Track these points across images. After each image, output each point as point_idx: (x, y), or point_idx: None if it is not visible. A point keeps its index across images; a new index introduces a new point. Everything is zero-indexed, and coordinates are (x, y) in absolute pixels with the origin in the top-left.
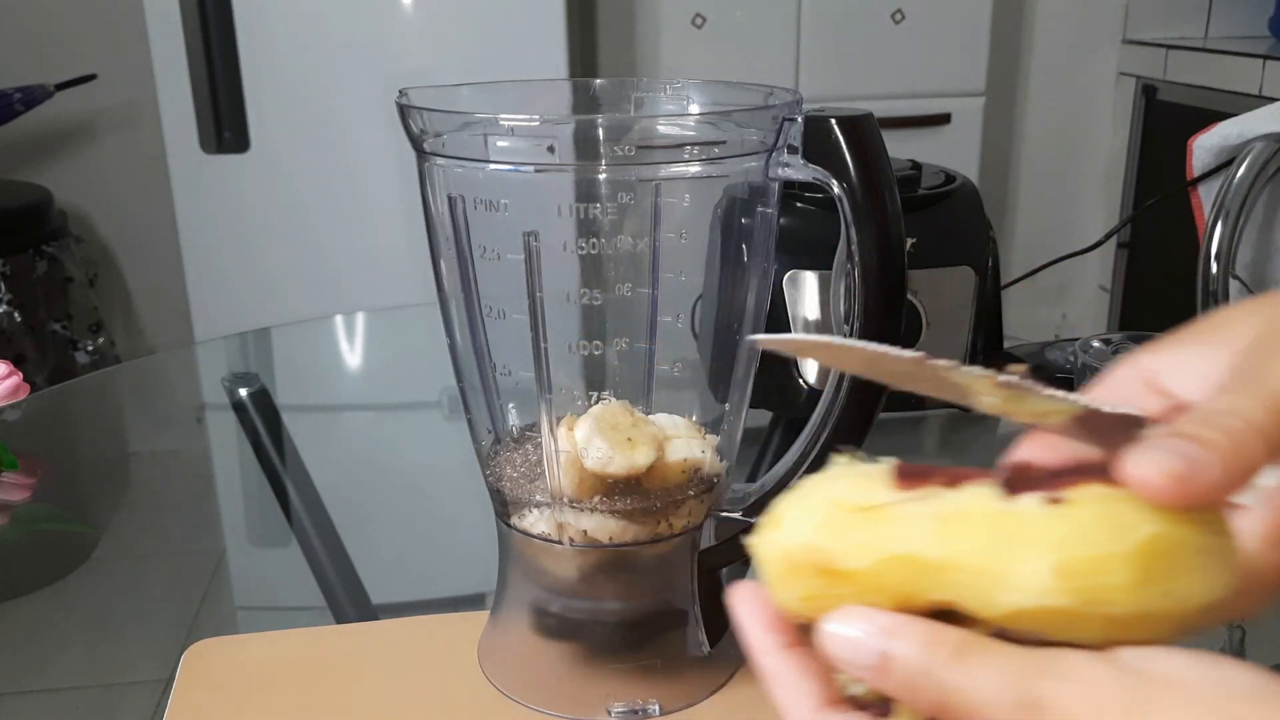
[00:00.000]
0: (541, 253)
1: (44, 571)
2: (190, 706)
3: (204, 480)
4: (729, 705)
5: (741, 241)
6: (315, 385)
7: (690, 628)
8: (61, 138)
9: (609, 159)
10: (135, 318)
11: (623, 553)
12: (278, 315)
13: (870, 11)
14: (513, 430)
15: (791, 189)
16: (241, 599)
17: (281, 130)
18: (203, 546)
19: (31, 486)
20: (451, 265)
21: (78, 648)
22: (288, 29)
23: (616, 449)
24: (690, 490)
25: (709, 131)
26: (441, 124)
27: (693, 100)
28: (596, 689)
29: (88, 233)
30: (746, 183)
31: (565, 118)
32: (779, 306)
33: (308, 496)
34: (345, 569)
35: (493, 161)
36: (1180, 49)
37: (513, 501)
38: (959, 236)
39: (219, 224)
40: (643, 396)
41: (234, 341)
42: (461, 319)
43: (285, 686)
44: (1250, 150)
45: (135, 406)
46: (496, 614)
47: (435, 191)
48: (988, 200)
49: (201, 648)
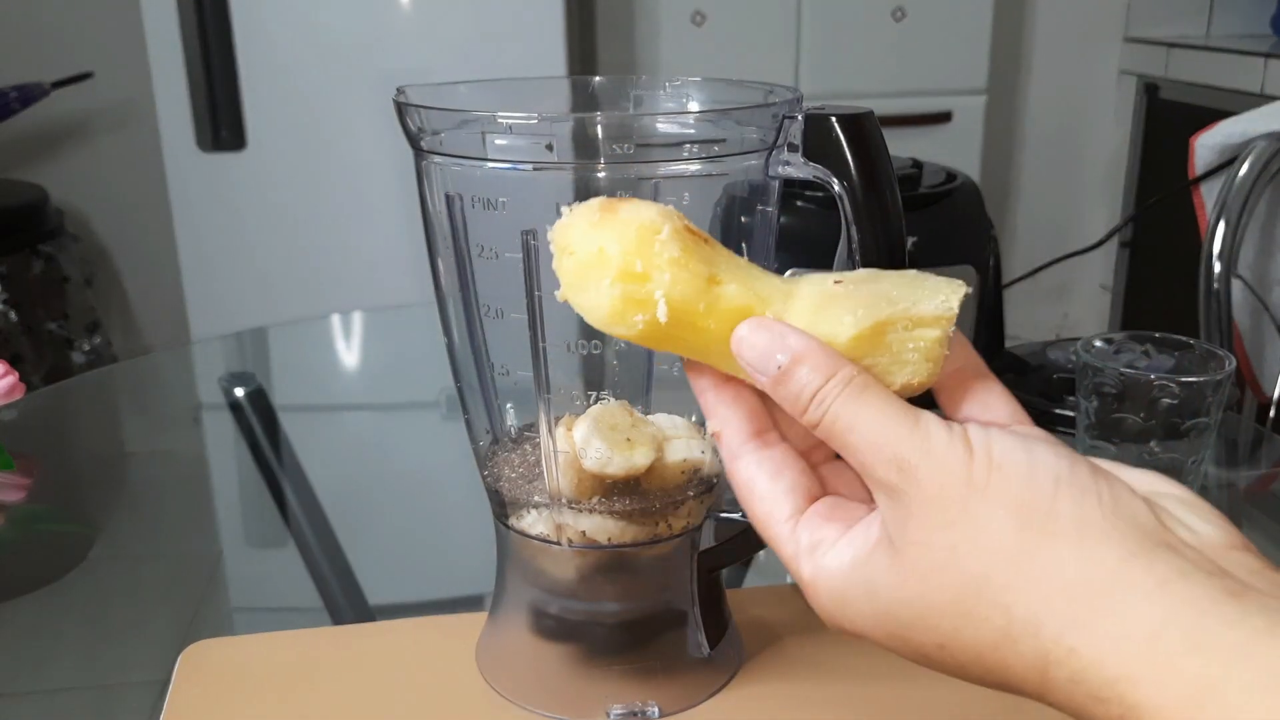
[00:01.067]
0: (540, 251)
1: (40, 572)
2: (187, 708)
3: (201, 481)
4: (728, 707)
5: (741, 240)
6: (312, 385)
7: (690, 629)
8: (58, 136)
9: (608, 157)
10: (132, 317)
11: (622, 554)
12: (275, 315)
13: (871, 9)
14: (511, 430)
15: (792, 187)
16: (238, 600)
17: (278, 128)
18: (200, 547)
19: (27, 487)
20: (449, 264)
21: (74, 649)
22: (284, 26)
23: (615, 449)
24: (690, 491)
25: (709, 129)
26: (439, 122)
27: (692, 98)
28: (595, 691)
29: (84, 232)
30: (746, 181)
31: (564, 115)
32: None
33: (305, 497)
34: (342, 570)
35: (491, 160)
36: (1182, 47)
37: (511, 502)
38: (960, 235)
39: (216, 223)
40: (641, 396)
41: (231, 341)
42: (459, 318)
43: (282, 688)
44: (1252, 149)
45: (132, 406)
46: (494, 615)
47: (433, 190)
48: (989, 199)
49: (198, 649)
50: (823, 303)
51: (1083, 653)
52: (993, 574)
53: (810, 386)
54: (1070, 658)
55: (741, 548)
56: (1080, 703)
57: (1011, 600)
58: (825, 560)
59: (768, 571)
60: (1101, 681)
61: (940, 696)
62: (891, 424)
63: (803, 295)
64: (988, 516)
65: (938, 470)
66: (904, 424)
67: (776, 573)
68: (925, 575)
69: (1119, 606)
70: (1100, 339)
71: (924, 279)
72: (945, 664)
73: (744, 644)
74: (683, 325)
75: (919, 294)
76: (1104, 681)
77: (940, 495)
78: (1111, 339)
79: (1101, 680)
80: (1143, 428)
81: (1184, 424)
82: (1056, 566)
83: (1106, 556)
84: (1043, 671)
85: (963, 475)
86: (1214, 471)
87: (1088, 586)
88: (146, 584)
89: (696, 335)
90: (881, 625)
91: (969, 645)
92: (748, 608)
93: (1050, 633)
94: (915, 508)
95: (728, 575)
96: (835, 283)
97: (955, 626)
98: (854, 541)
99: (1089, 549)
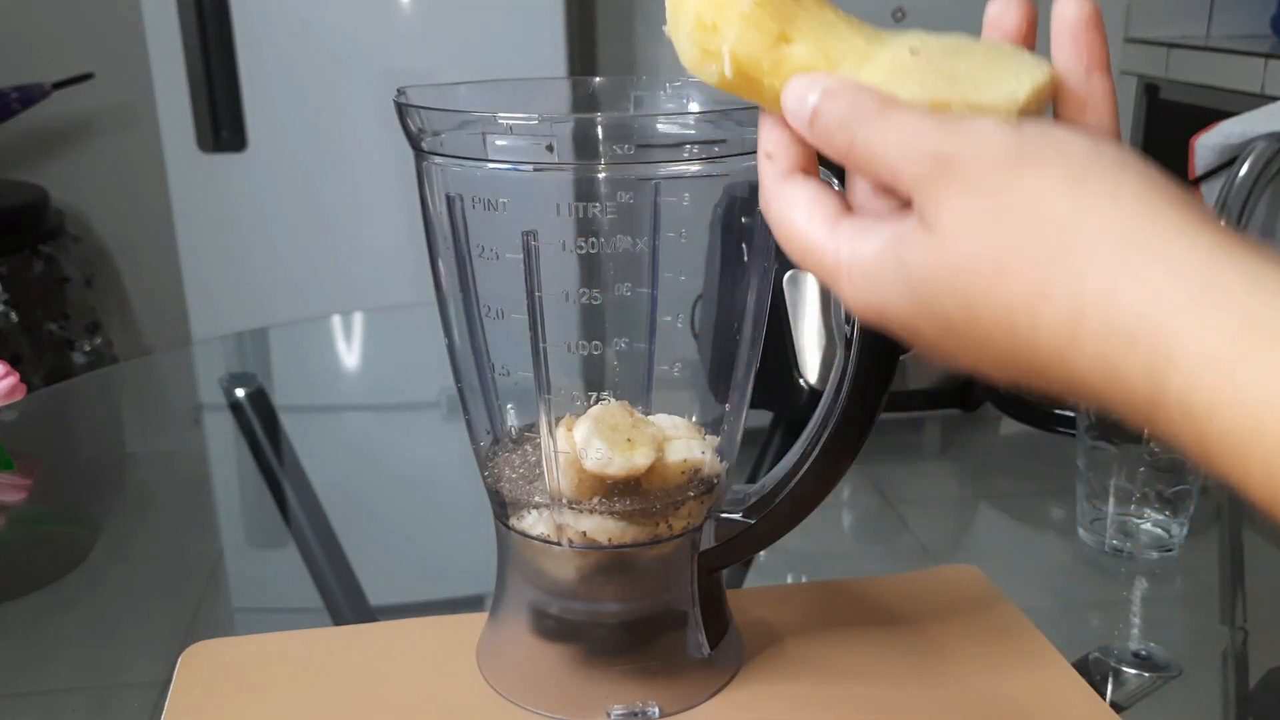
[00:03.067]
0: (540, 252)
1: (41, 573)
2: (187, 708)
3: (201, 481)
4: (729, 707)
5: (741, 241)
6: (313, 385)
7: (690, 629)
8: (58, 137)
9: (608, 158)
10: (132, 318)
11: (622, 554)
12: (275, 315)
13: (871, 9)
14: (511, 431)
15: None
16: (239, 600)
17: (279, 129)
18: (200, 547)
19: (28, 487)
20: (450, 265)
21: (75, 649)
22: (285, 27)
23: (616, 450)
24: (690, 491)
25: (709, 130)
26: (440, 123)
27: (692, 99)
28: (596, 691)
29: (84, 232)
30: (747, 182)
31: (564, 116)
32: (779, 306)
33: (305, 497)
34: (343, 570)
35: (491, 160)
36: (1182, 47)
37: (511, 502)
38: None
39: (216, 223)
40: (642, 397)
41: (231, 341)
42: (460, 319)
43: (283, 688)
44: (1252, 149)
45: (132, 407)
46: (495, 616)
47: (433, 190)
48: None
49: (199, 649)
50: (892, 72)
51: (1122, 296)
52: (1038, 230)
53: (838, 114)
54: (1108, 302)
55: (741, 548)
56: (1109, 356)
57: (1054, 252)
58: (859, 246)
59: (768, 571)
60: (1139, 322)
61: (940, 697)
62: (926, 126)
63: (878, 61)
64: (1035, 179)
65: (980, 150)
66: (941, 124)
67: (776, 573)
68: (962, 236)
69: (1171, 249)
70: None
71: (1008, 56)
72: (968, 335)
73: (744, 644)
74: (750, 80)
75: (993, 75)
76: (1141, 321)
77: (984, 169)
78: None
79: (1139, 321)
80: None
81: None
82: (1104, 220)
83: (1159, 211)
84: (1075, 325)
85: (1009, 151)
86: None
87: (1138, 233)
88: (147, 584)
89: (763, 92)
90: (907, 296)
91: (999, 306)
92: (748, 608)
93: (1093, 280)
94: (956, 181)
95: (728, 575)
96: (912, 51)
97: (987, 288)
98: (889, 228)
99: (1137, 205)
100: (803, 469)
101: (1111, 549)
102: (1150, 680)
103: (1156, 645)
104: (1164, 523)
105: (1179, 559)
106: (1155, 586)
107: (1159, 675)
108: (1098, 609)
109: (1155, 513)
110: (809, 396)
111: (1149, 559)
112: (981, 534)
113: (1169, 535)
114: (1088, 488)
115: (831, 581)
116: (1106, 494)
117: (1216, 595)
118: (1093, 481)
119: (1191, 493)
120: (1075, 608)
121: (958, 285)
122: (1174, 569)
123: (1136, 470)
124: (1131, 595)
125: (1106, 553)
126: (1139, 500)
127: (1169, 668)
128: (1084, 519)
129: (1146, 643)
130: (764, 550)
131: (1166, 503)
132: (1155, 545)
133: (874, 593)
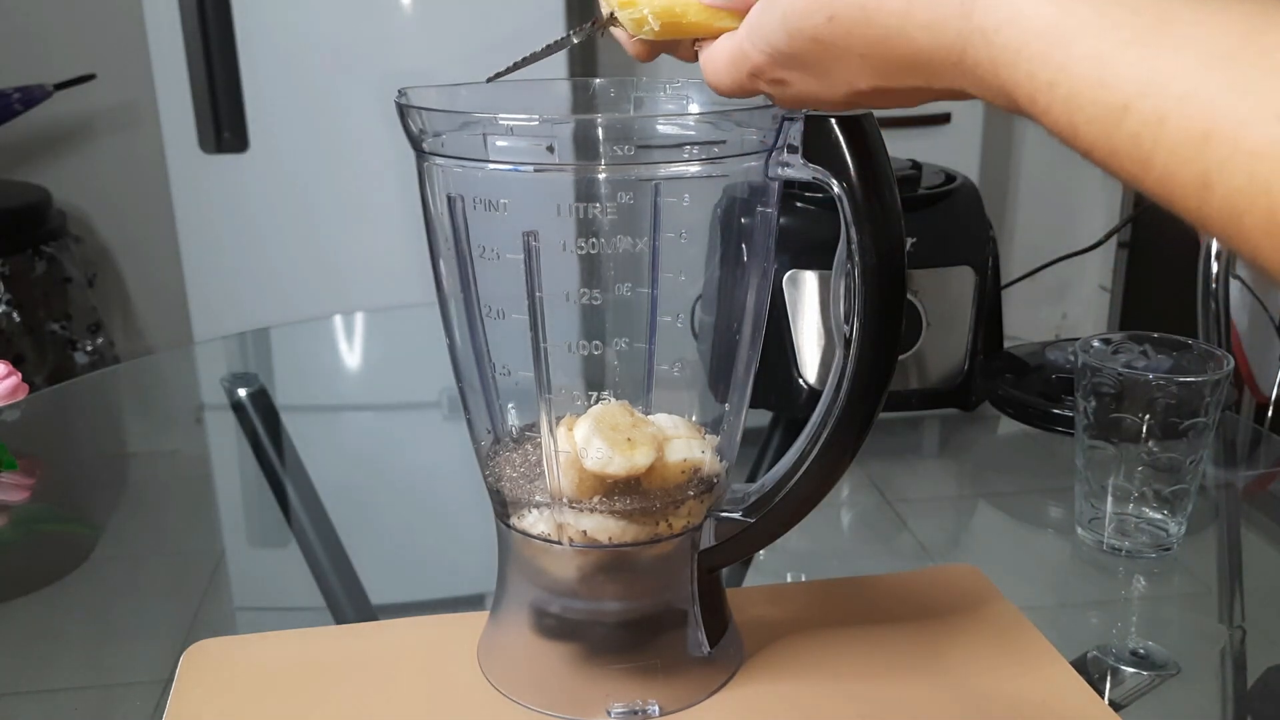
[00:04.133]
0: (541, 252)
1: (43, 572)
2: (189, 707)
3: (203, 480)
4: (729, 706)
5: (741, 241)
6: (314, 385)
7: (690, 628)
8: (60, 138)
9: (608, 159)
10: (134, 318)
11: (622, 553)
12: (277, 315)
13: None
14: (512, 430)
15: (791, 188)
16: (241, 599)
17: (281, 130)
18: (202, 547)
19: (30, 487)
20: (451, 265)
21: (76, 648)
22: (287, 28)
23: (616, 449)
24: (690, 490)
25: (709, 131)
26: (441, 123)
27: (692, 100)
28: (596, 689)
29: (86, 233)
30: (746, 182)
31: (565, 117)
32: (779, 306)
33: (307, 497)
34: (344, 569)
35: (492, 161)
36: None
37: (512, 502)
38: (959, 236)
39: (218, 224)
40: (642, 397)
41: (233, 342)
42: (461, 319)
43: (284, 687)
44: None
45: (134, 407)
46: (496, 614)
47: (434, 191)
48: (988, 200)
49: (200, 648)
50: None
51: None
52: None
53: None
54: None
55: (741, 547)
56: (994, 38)
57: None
58: (749, 18)
59: (768, 571)
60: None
61: (939, 697)
62: None
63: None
64: None
65: None
66: None
67: (776, 573)
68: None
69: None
70: (1099, 339)
71: None
72: (868, 36)
73: (744, 643)
74: (676, 29)
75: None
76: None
77: None
78: (1110, 339)
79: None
80: (1141, 428)
81: (1182, 424)
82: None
83: None
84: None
85: None
86: (1212, 471)
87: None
88: (149, 584)
89: (691, 28)
90: (781, 26)
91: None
92: (748, 607)
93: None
94: None
95: (728, 575)
96: None
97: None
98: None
99: None
100: (802, 468)
101: (1110, 548)
102: (1148, 679)
103: (1155, 644)
104: (1162, 521)
105: (1177, 558)
106: (1153, 585)
107: (1157, 674)
108: (1096, 608)
109: (1153, 511)
110: (808, 396)
111: (1147, 558)
112: (980, 533)
113: (1167, 534)
114: (1086, 487)
115: (831, 580)
116: (1105, 493)
117: (1215, 594)
118: (1091, 480)
119: (1189, 492)
120: (1073, 606)
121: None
122: (1172, 568)
123: (1135, 469)
124: (1130, 594)
125: (1105, 551)
126: (1137, 499)
127: (1167, 666)
128: (1082, 518)
129: (1145, 641)
130: (763, 549)
131: (1164, 501)
132: (1153, 544)
133: (873, 592)
